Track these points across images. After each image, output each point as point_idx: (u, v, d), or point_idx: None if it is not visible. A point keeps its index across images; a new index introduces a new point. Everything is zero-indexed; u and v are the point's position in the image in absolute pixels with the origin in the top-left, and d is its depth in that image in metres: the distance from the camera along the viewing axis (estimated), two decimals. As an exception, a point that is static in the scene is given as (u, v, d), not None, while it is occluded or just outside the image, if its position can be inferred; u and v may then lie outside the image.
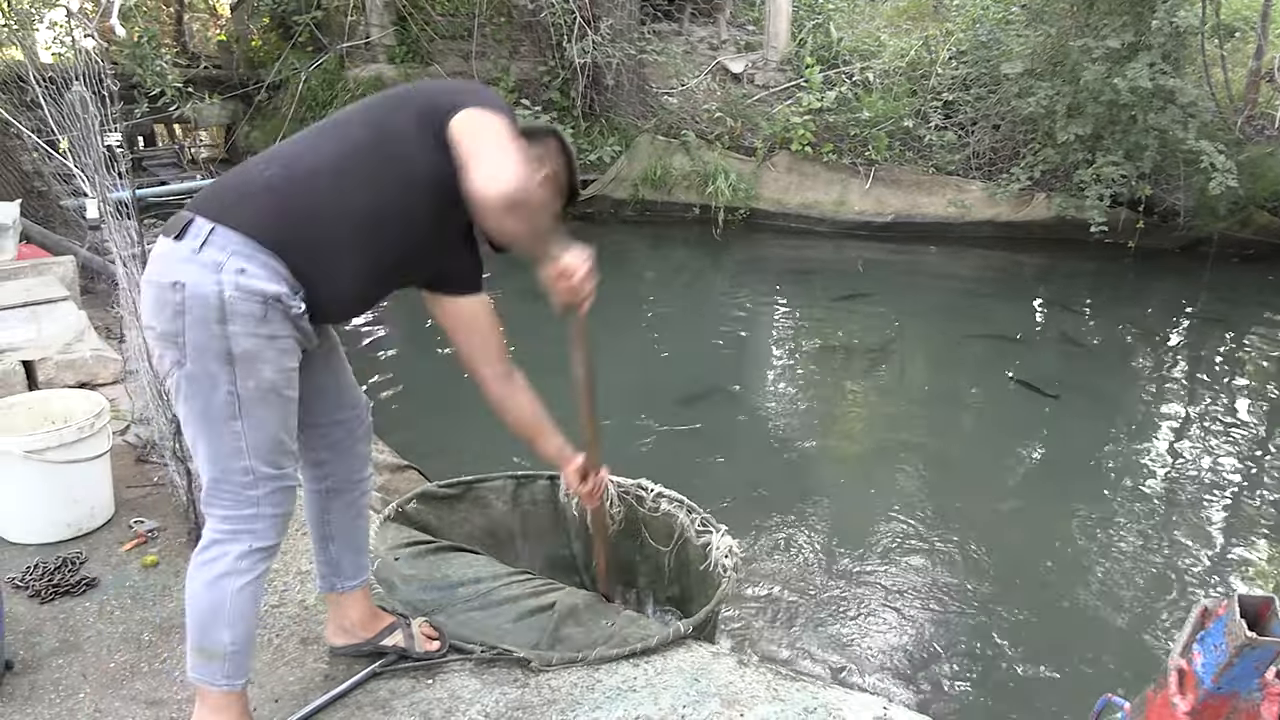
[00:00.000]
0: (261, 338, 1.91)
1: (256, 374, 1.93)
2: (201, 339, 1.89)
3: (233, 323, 1.87)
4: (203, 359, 1.91)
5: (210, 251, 1.86)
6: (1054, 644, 3.59)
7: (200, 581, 2.07)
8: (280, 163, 2.01)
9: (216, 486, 2.03)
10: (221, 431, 1.98)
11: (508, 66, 10.46)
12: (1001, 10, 10.25)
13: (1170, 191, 8.55)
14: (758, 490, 4.68)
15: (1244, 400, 6.04)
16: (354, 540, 2.49)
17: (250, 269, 1.87)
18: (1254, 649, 1.50)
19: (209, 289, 1.85)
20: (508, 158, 1.85)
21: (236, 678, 2.14)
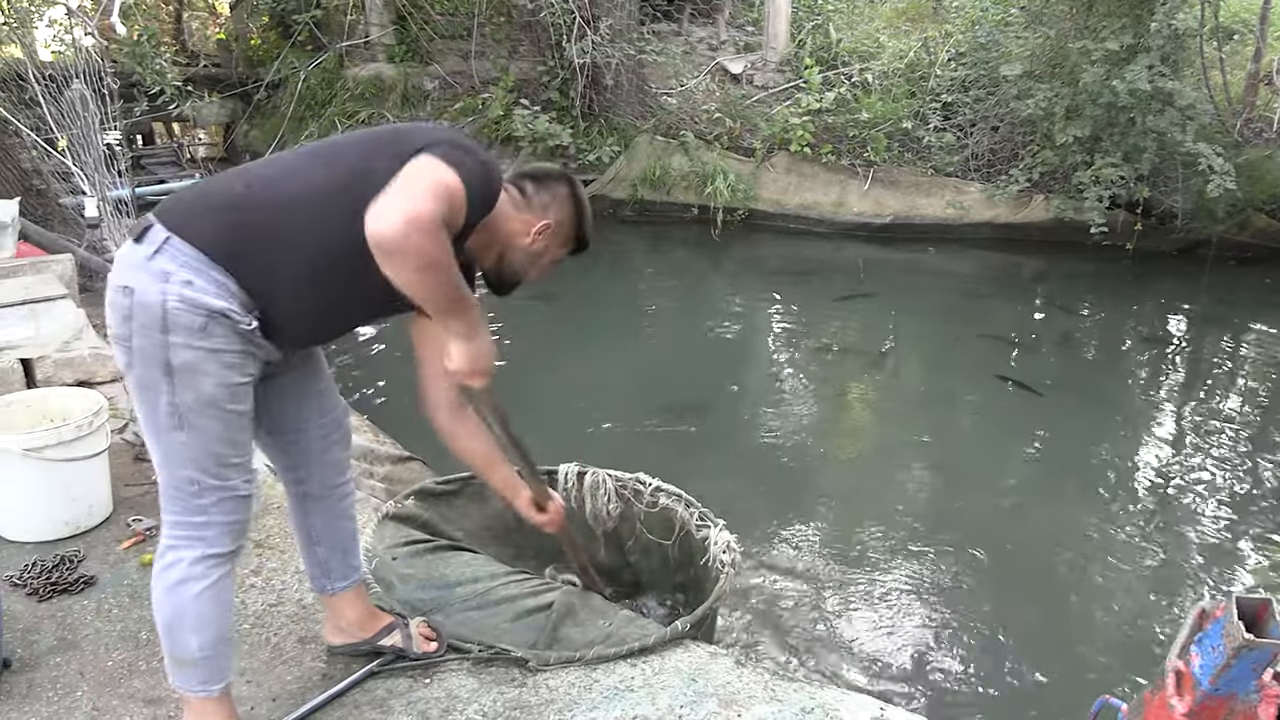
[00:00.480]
0: (201, 350, 1.88)
1: (195, 386, 1.90)
2: (146, 346, 1.88)
3: (174, 333, 1.86)
4: (146, 366, 1.90)
5: (161, 260, 1.85)
6: (1051, 645, 3.59)
7: (160, 589, 2.07)
8: (254, 182, 1.98)
9: (169, 493, 2.03)
10: (166, 441, 1.97)
11: (507, 66, 10.47)
12: (1000, 12, 10.25)
13: (1169, 194, 8.55)
14: (756, 489, 4.68)
15: (1241, 403, 6.05)
16: (341, 542, 2.47)
17: (198, 283, 1.86)
18: (1251, 651, 1.51)
19: (154, 298, 1.85)
20: (404, 202, 1.75)
21: (212, 683, 2.14)
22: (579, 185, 2.28)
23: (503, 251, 2.20)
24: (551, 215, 2.21)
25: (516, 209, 2.17)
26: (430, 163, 1.84)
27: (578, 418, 5.49)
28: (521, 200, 2.19)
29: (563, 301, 7.66)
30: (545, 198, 2.21)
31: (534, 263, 2.24)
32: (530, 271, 2.26)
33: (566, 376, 6.15)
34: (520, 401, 5.68)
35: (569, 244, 2.28)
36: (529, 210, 2.19)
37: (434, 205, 1.77)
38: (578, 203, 2.25)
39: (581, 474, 3.34)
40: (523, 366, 6.33)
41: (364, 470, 3.94)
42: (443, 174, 1.82)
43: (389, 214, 1.73)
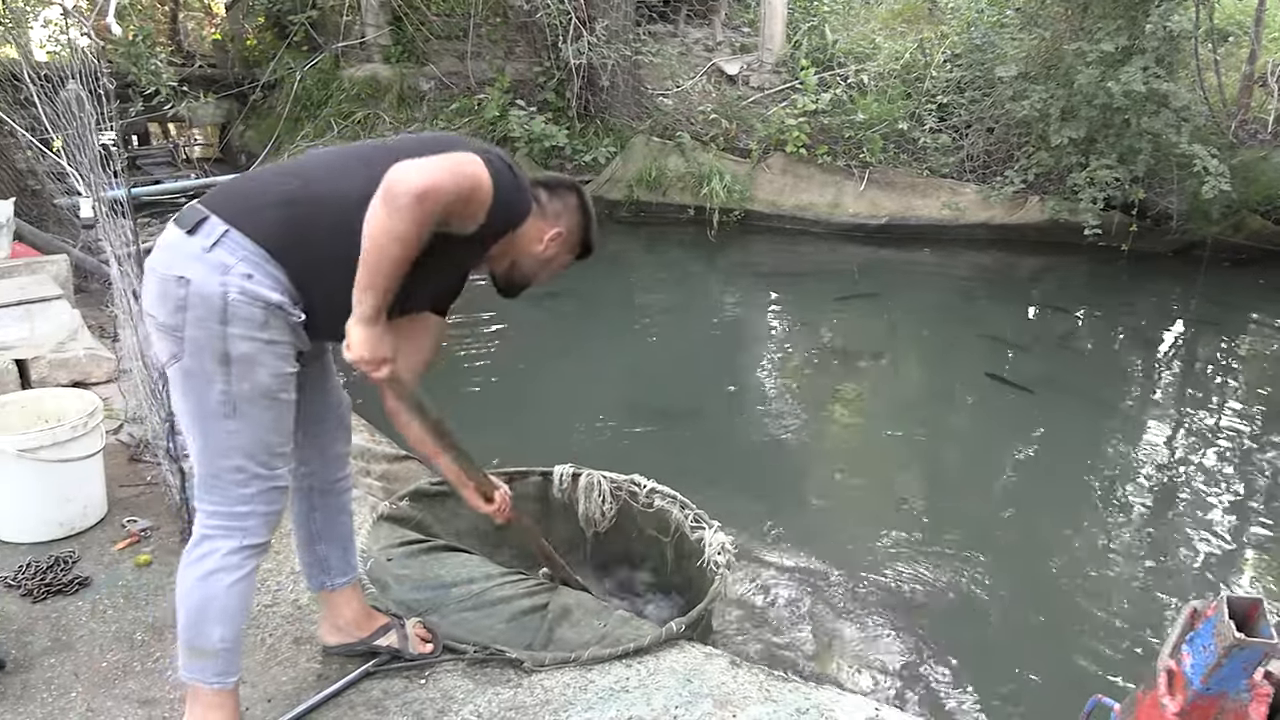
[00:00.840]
0: (260, 342, 1.94)
1: (252, 376, 1.95)
2: (201, 337, 1.92)
3: (233, 325, 1.90)
4: (200, 356, 1.93)
5: (221, 253, 1.90)
6: (1045, 644, 3.60)
7: (191, 578, 2.08)
8: (304, 179, 2.04)
9: (209, 483, 2.05)
10: (215, 429, 2.00)
11: (503, 67, 10.47)
12: (996, 13, 10.27)
13: (1163, 195, 8.57)
14: (752, 489, 4.68)
15: (1235, 404, 6.06)
16: (340, 538, 2.50)
17: (257, 276, 1.91)
18: (1242, 650, 1.52)
19: (214, 289, 1.89)
20: (428, 172, 1.84)
21: (228, 675, 2.15)
22: (586, 194, 2.37)
23: (516, 257, 2.26)
24: (563, 223, 2.28)
25: (533, 215, 2.22)
26: (471, 158, 1.93)
27: (573, 417, 5.49)
28: (536, 208, 2.23)
29: (559, 302, 7.66)
30: (557, 206, 2.28)
31: (544, 268, 2.32)
32: (540, 275, 2.34)
33: (562, 376, 6.15)
34: (515, 401, 5.72)
35: (576, 250, 2.36)
36: (543, 218, 2.25)
37: (449, 187, 1.86)
38: (586, 211, 2.34)
39: (576, 475, 3.35)
40: (518, 366, 6.33)
41: (360, 469, 3.94)
42: (478, 169, 1.92)
43: (410, 175, 1.82)
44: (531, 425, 5.41)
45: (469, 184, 1.90)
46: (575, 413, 5.58)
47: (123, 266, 3.22)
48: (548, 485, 3.36)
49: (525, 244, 2.23)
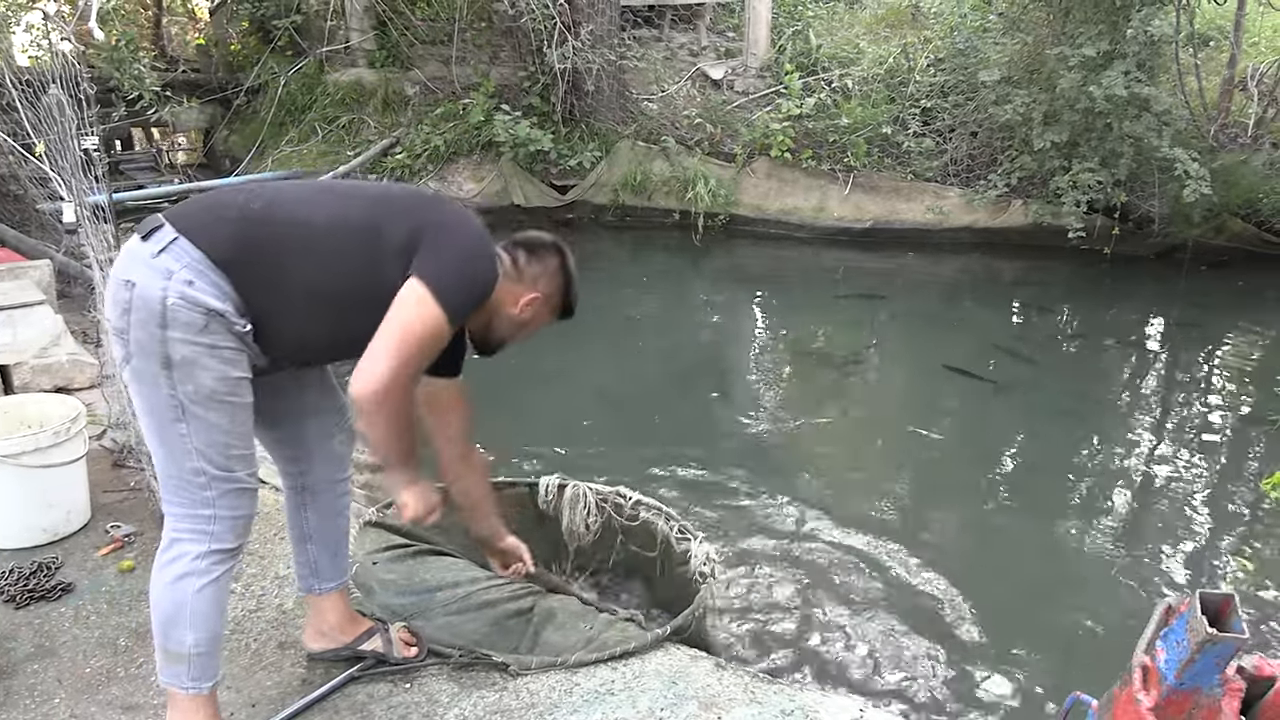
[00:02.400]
0: (201, 346, 1.95)
1: (194, 379, 1.96)
2: (143, 339, 1.95)
3: (172, 329, 1.93)
4: (145, 359, 1.96)
5: (166, 258, 1.93)
6: (1025, 644, 3.63)
7: (162, 582, 2.09)
8: (266, 200, 2.08)
9: (170, 484, 2.07)
10: (168, 432, 2.02)
11: (488, 72, 10.47)
12: (979, 18, 10.33)
13: (1145, 198, 8.62)
14: (737, 492, 4.70)
15: (1214, 405, 6.11)
16: (332, 541, 2.50)
17: (199, 283, 1.93)
18: (1215, 645, 1.53)
19: (154, 293, 1.92)
20: (385, 367, 1.97)
21: (203, 680, 2.15)
22: (569, 256, 2.37)
23: (490, 320, 2.28)
24: (541, 288, 2.30)
25: (507, 280, 2.24)
26: (417, 303, 2.00)
27: (558, 424, 5.50)
28: (513, 271, 2.26)
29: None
30: (536, 269, 2.29)
31: (520, 329, 2.34)
32: (516, 336, 2.36)
33: (546, 383, 6.15)
34: (498, 406, 5.72)
35: (556, 313, 2.39)
36: (519, 282, 2.26)
37: (412, 368, 2.02)
38: (567, 275, 2.35)
39: (562, 486, 3.35)
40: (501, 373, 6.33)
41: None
42: (426, 320, 2.00)
43: (372, 380, 1.96)
44: (514, 430, 5.41)
45: (423, 346, 2.02)
46: (559, 418, 5.59)
47: (105, 272, 3.21)
48: (533, 496, 3.36)
49: (500, 307, 2.25)
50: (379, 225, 2.05)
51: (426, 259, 2.02)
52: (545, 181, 9.99)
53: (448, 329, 2.03)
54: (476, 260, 2.11)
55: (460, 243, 2.10)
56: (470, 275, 2.09)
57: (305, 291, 2.02)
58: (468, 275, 2.08)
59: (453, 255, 2.07)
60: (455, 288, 2.04)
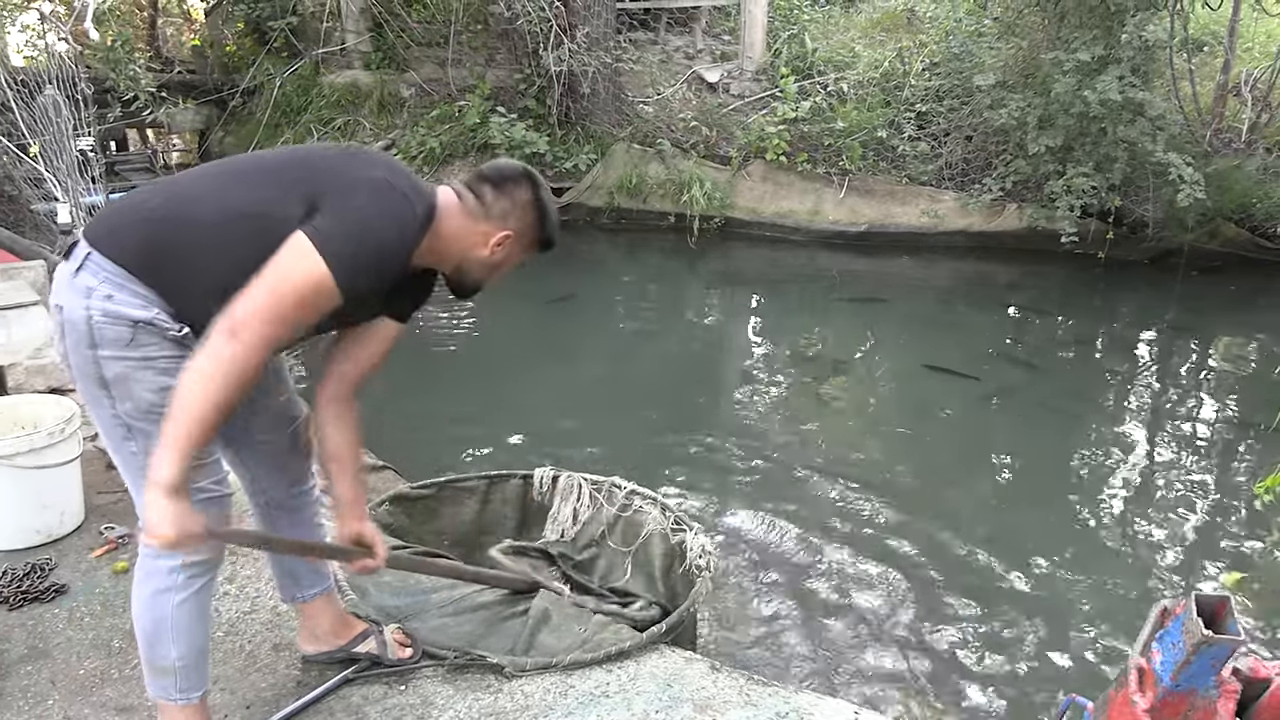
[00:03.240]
0: (132, 361, 1.88)
1: (132, 396, 1.90)
2: (79, 362, 1.90)
3: (102, 347, 1.87)
4: (84, 381, 1.92)
5: (84, 276, 1.87)
6: (1020, 646, 3.63)
7: (141, 597, 2.07)
8: (163, 195, 1.99)
9: (138, 501, 2.00)
10: (121, 451, 1.99)
11: (484, 74, 10.47)
12: (974, 23, 10.35)
13: (1139, 203, 8.65)
14: (731, 494, 4.70)
15: (1208, 409, 6.12)
16: None
17: (118, 296, 1.86)
18: (1211, 647, 1.54)
19: (79, 314, 1.86)
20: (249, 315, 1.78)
21: (191, 691, 2.14)
22: (541, 186, 2.16)
23: (460, 263, 2.15)
24: (511, 224, 2.12)
25: (473, 219, 2.09)
26: (298, 257, 1.83)
27: (553, 423, 5.50)
28: (479, 209, 2.09)
29: (539, 308, 7.66)
30: (505, 205, 2.10)
31: (494, 270, 2.19)
32: (492, 277, 2.21)
33: (542, 382, 6.15)
34: (496, 405, 5.72)
35: (533, 248, 2.21)
36: (486, 220, 2.10)
37: (277, 323, 1.81)
38: (540, 207, 2.15)
39: (556, 477, 3.35)
40: (499, 372, 6.33)
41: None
42: (302, 278, 1.82)
43: (233, 320, 1.77)
44: (512, 429, 5.41)
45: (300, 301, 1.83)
46: (554, 417, 5.59)
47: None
48: (527, 488, 3.37)
49: (466, 249, 2.11)
50: (268, 209, 1.89)
51: (322, 220, 1.86)
52: (541, 184, 9.99)
53: (333, 291, 1.85)
54: (379, 227, 1.91)
55: (360, 205, 1.91)
56: (372, 244, 1.90)
57: (213, 290, 1.86)
58: (368, 244, 1.89)
59: (353, 219, 1.88)
60: (349, 253, 1.86)
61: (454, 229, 2.08)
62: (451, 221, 2.07)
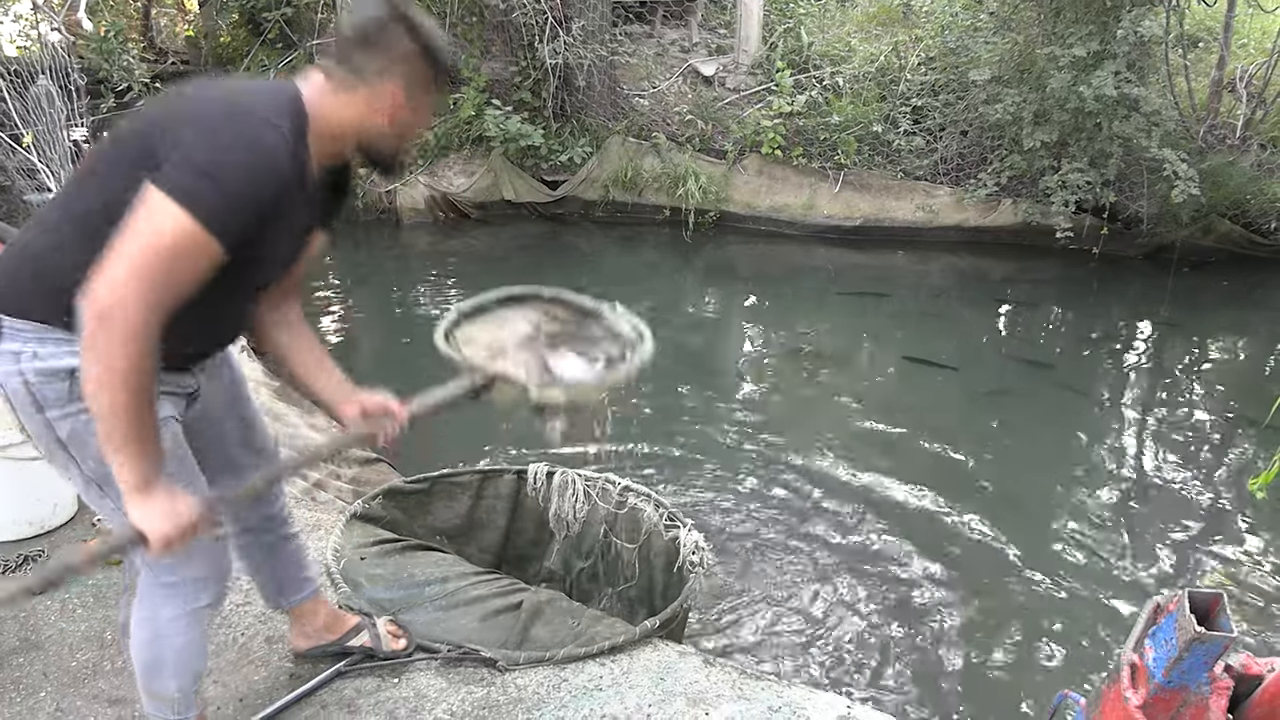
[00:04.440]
0: (82, 415, 1.76)
1: (90, 452, 1.80)
2: (35, 430, 1.83)
3: (49, 409, 1.79)
4: (46, 448, 1.86)
5: (5, 344, 1.76)
6: (1013, 642, 3.64)
7: (137, 640, 2.05)
8: (30, 228, 1.84)
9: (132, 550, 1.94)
10: (104, 510, 1.92)
11: (479, 66, 10.43)
12: (970, 18, 10.34)
13: (1134, 199, 8.66)
14: (724, 490, 4.71)
15: (1200, 405, 6.14)
16: (287, 562, 2.41)
17: (43, 350, 1.76)
18: (1203, 643, 1.54)
19: (16, 382, 1.78)
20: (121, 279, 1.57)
21: (187, 711, 2.14)
22: (414, 18, 1.83)
23: (360, 143, 1.89)
24: (393, 81, 1.82)
25: (351, 92, 1.81)
26: (151, 212, 1.61)
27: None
28: (352, 78, 1.81)
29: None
30: (380, 63, 1.81)
31: (402, 134, 1.91)
32: (403, 141, 1.94)
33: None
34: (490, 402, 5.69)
35: (433, 90, 1.91)
36: (366, 86, 1.81)
37: (144, 300, 1.59)
38: (421, 44, 1.83)
39: (550, 473, 3.35)
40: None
41: (331, 472, 3.93)
42: (161, 236, 1.59)
43: (99, 305, 1.58)
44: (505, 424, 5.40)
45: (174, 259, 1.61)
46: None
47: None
48: (521, 484, 3.36)
49: (355, 130, 1.86)
50: (104, 201, 1.69)
51: (169, 166, 1.63)
52: (536, 177, 9.97)
53: (205, 240, 1.63)
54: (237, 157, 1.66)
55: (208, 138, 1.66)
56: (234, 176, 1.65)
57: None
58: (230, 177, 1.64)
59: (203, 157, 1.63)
60: (207, 192, 1.62)
61: (335, 113, 1.82)
62: (328, 106, 1.81)
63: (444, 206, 9.80)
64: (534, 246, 9.25)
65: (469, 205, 9.80)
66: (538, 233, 9.64)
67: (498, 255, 8.84)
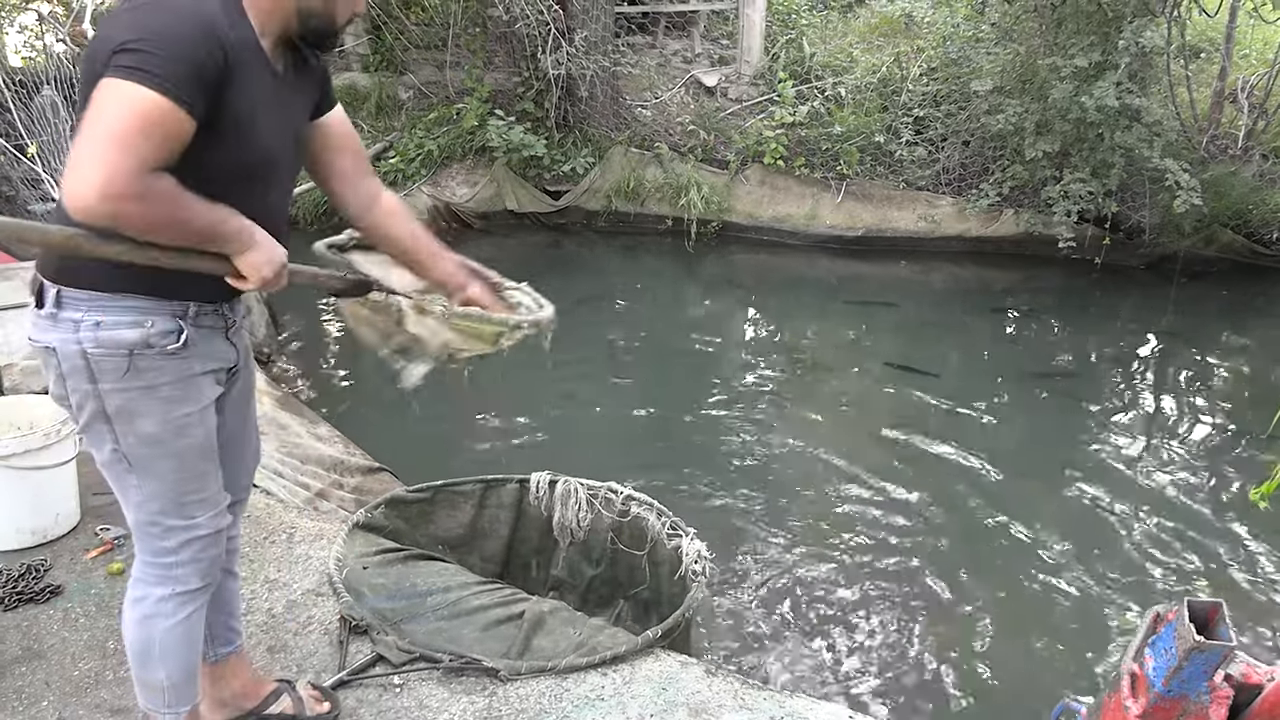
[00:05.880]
0: (133, 391, 1.82)
1: (135, 429, 1.85)
2: (80, 399, 1.84)
3: (102, 380, 1.81)
4: (87, 415, 1.86)
5: (67, 312, 1.79)
6: (1013, 651, 3.64)
7: (130, 620, 2.05)
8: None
9: (135, 533, 2.01)
10: (123, 485, 1.94)
11: (482, 77, 10.47)
12: (971, 28, 10.36)
13: (1136, 209, 8.66)
14: (727, 499, 4.71)
15: (1201, 414, 6.14)
16: (227, 602, 2.29)
17: (107, 320, 1.79)
18: (1202, 652, 1.54)
19: (72, 349, 1.79)
20: (91, 171, 1.53)
21: (180, 705, 2.13)
22: None
23: (291, 15, 1.83)
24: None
25: None
26: (111, 95, 1.57)
27: (549, 427, 5.50)
28: None
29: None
30: None
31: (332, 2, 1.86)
32: (340, 10, 1.89)
33: (538, 387, 6.15)
34: (489, 409, 5.71)
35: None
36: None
37: (127, 163, 1.55)
38: None
39: (553, 482, 3.36)
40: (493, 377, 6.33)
41: (334, 481, 3.94)
42: (128, 107, 1.56)
43: (81, 188, 1.54)
44: (506, 433, 5.42)
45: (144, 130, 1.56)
46: (551, 421, 5.59)
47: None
48: (523, 493, 3.37)
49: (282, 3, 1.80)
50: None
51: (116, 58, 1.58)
52: (538, 187, 9.99)
53: (169, 109, 1.58)
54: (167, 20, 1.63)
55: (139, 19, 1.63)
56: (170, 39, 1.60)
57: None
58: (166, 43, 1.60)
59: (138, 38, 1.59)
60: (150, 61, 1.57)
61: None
62: None
63: (447, 216, 9.82)
64: (536, 256, 9.27)
65: (472, 215, 9.82)
66: (540, 243, 9.66)
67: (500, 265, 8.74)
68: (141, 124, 1.56)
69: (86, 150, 1.56)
